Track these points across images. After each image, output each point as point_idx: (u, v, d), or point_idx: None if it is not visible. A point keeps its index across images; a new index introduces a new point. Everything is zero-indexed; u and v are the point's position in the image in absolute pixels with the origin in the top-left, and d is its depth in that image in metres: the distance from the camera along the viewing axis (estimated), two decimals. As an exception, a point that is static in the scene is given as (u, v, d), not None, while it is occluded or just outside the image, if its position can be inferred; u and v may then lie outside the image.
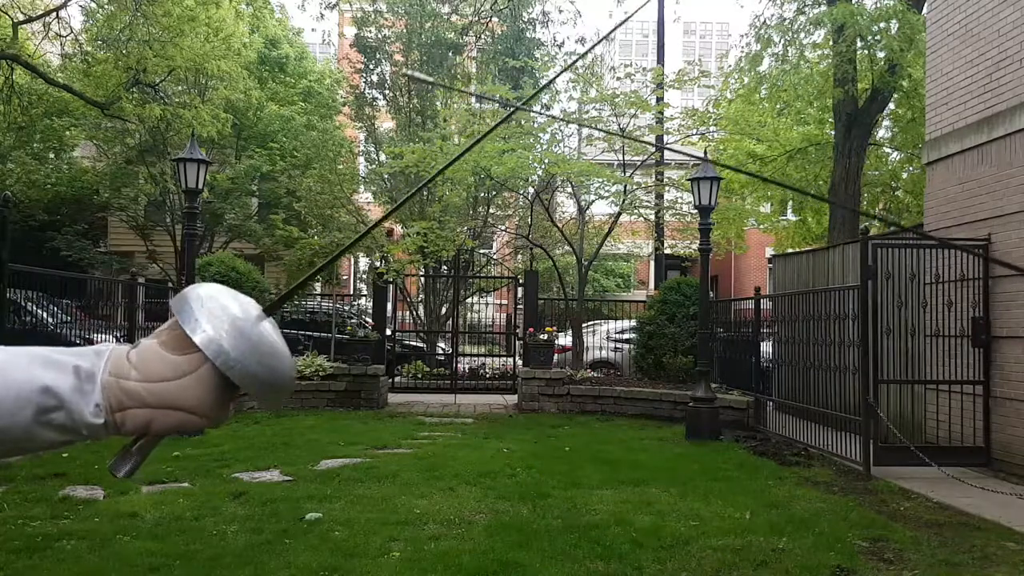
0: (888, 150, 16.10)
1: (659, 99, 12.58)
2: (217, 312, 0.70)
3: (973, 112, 7.11)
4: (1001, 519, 4.99)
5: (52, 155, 18.91)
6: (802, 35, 12.52)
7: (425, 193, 14.14)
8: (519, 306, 12.90)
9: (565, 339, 12.59)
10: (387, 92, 16.13)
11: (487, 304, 15.47)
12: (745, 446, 7.74)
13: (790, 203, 17.75)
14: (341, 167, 14.07)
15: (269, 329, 0.72)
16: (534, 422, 9.09)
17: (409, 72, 11.32)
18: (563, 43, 24.04)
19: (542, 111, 15.70)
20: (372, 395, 9.98)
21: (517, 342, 12.71)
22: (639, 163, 12.71)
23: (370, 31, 16.01)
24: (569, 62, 13.25)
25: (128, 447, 0.72)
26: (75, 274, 12.14)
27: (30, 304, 8.25)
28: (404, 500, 5.14)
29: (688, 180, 9.46)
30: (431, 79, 11.54)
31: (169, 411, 0.69)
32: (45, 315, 8.93)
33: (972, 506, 5.32)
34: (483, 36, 16.42)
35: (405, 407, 10.21)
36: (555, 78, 3.65)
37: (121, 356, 0.71)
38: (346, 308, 14.53)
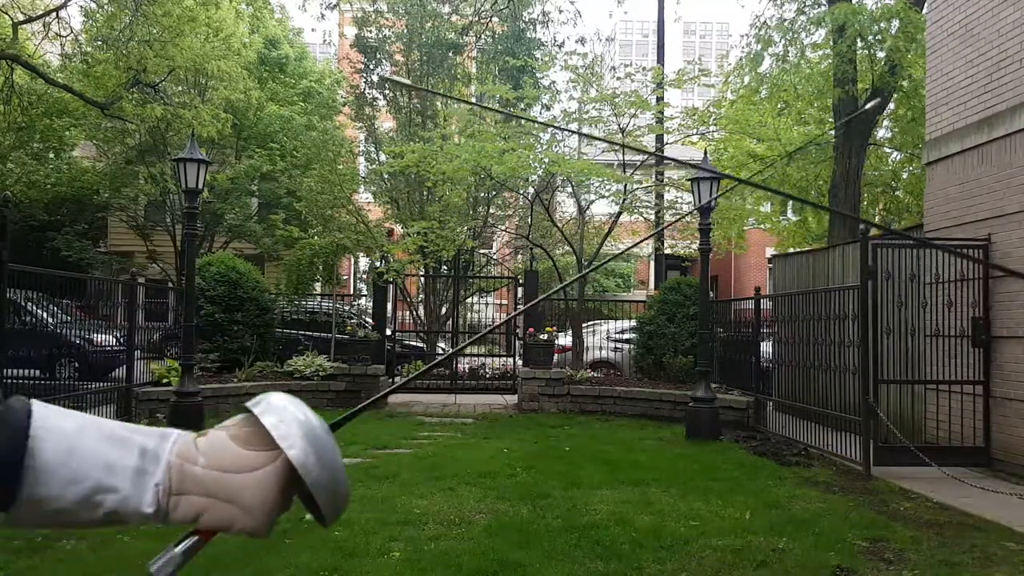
0: (888, 150, 16.10)
1: (659, 99, 12.57)
2: (301, 419, 0.71)
3: (973, 112, 7.11)
4: (1001, 519, 4.99)
5: (52, 155, 18.92)
6: (803, 35, 12.52)
7: (425, 193, 14.14)
8: (519, 306, 12.91)
9: (565, 339, 12.59)
10: (387, 92, 16.12)
11: (487, 304, 15.46)
12: (745, 446, 7.74)
13: (790, 203, 17.74)
14: (341, 167, 14.05)
15: (336, 445, 0.74)
16: (534, 422, 9.09)
17: (389, 76, 11.34)
18: (563, 43, 24.04)
19: (542, 112, 15.71)
20: (372, 395, 9.97)
21: (517, 342, 12.71)
22: (639, 163, 12.70)
23: (370, 31, 16.00)
24: (568, 63, 13.22)
25: (172, 547, 0.70)
26: (75, 274, 12.13)
27: (30, 304, 8.25)
28: (404, 500, 5.13)
29: (688, 180, 9.46)
30: (408, 82, 11.53)
31: (225, 504, 0.69)
32: (45, 315, 8.93)
33: (972, 506, 5.32)
34: (483, 36, 16.42)
35: (405, 407, 10.21)
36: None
37: (189, 441, 0.71)
38: (346, 308, 14.53)
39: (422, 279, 14.38)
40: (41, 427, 0.65)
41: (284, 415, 0.71)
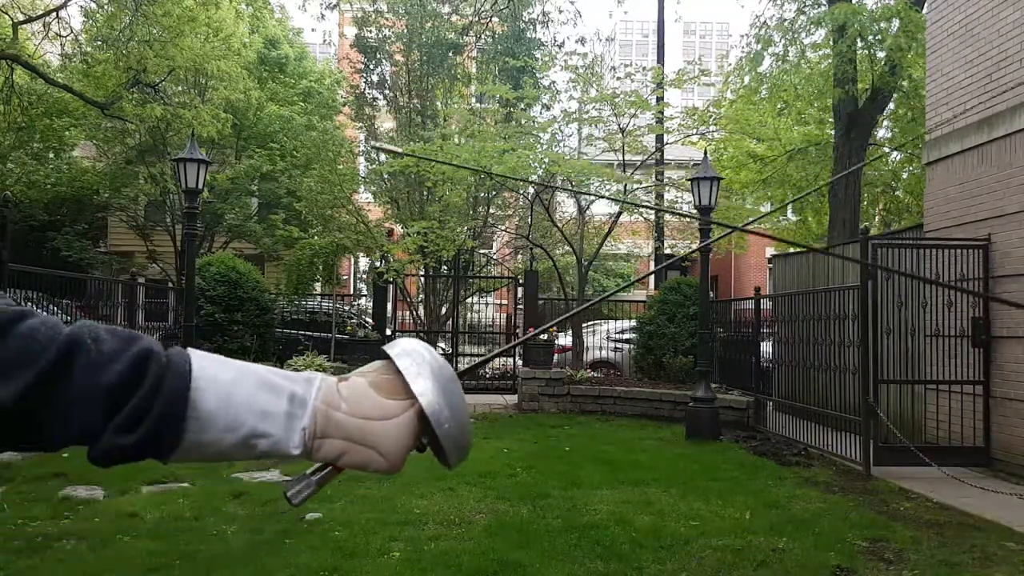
0: (888, 150, 16.09)
1: (659, 99, 12.57)
2: (435, 369, 0.75)
3: (973, 112, 7.11)
4: (1001, 519, 4.99)
5: (52, 155, 18.90)
6: (803, 35, 12.51)
7: (425, 193, 14.14)
8: (519, 306, 12.91)
9: (565, 339, 12.59)
10: (387, 92, 16.13)
11: (487, 304, 15.46)
12: (745, 446, 7.74)
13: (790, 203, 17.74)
14: (341, 167, 14.05)
15: (462, 393, 0.78)
16: (534, 422, 9.09)
17: (376, 144, 11.44)
18: (563, 43, 24.04)
19: (542, 112, 15.72)
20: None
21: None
22: (639, 163, 12.70)
23: (370, 31, 16.00)
24: (568, 63, 13.23)
25: (308, 474, 0.75)
26: (75, 274, 12.13)
27: (30, 304, 8.25)
28: (404, 500, 5.13)
29: (688, 180, 9.46)
30: (399, 150, 11.69)
31: (364, 448, 0.73)
32: (45, 315, 8.92)
33: (972, 506, 5.32)
34: (483, 36, 16.41)
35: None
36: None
37: (332, 387, 0.74)
38: (346, 308, 14.53)
39: (422, 279, 14.38)
40: (201, 378, 0.68)
41: (420, 365, 0.74)
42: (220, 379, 0.69)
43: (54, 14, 14.21)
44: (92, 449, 0.66)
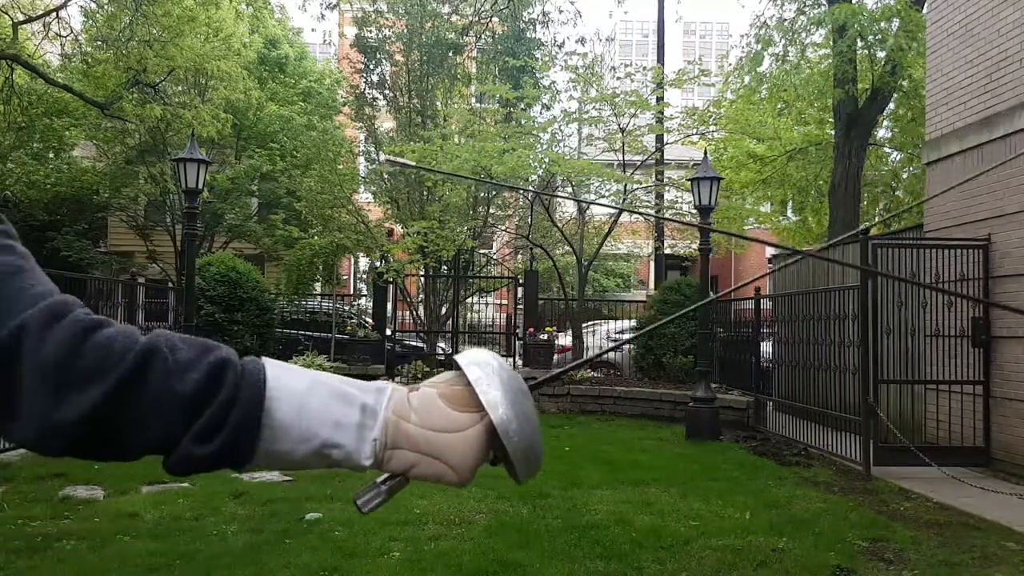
0: (888, 150, 16.10)
1: (659, 99, 12.57)
2: (506, 381, 0.74)
3: (973, 112, 7.11)
4: (1001, 519, 4.99)
5: (52, 155, 18.89)
6: (803, 35, 12.51)
7: (425, 192, 14.14)
8: (519, 306, 12.91)
9: (565, 339, 12.59)
10: (387, 92, 16.12)
11: (487, 304, 15.46)
12: (745, 446, 7.74)
13: (790, 203, 17.73)
14: (341, 167, 14.05)
15: (534, 406, 0.77)
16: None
17: (390, 158, 11.44)
18: (563, 43, 24.06)
19: (542, 111, 15.72)
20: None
21: (517, 342, 12.70)
22: (639, 163, 12.71)
23: (370, 31, 15.99)
24: (568, 63, 13.26)
25: (379, 482, 0.75)
26: (75, 274, 12.13)
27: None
28: (404, 500, 5.13)
29: (688, 180, 9.46)
30: (412, 163, 11.66)
31: (434, 460, 0.73)
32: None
33: (972, 506, 5.32)
34: (483, 36, 16.41)
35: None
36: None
37: (403, 398, 0.74)
38: (346, 308, 14.53)
39: (422, 279, 14.38)
40: (276, 387, 0.69)
41: (491, 377, 0.74)
42: (294, 389, 0.69)
43: (54, 14, 14.21)
44: (168, 458, 0.67)
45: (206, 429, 0.65)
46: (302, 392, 0.70)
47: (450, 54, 15.38)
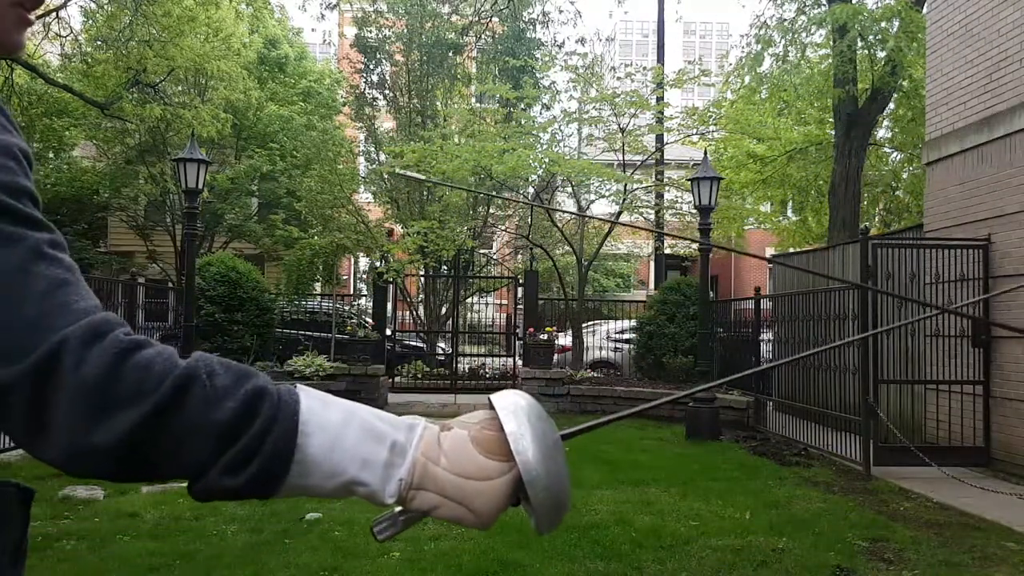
0: (888, 150, 16.09)
1: (659, 99, 12.58)
2: (541, 435, 0.73)
3: (973, 112, 7.11)
4: (1001, 519, 4.99)
5: (52, 155, 18.89)
6: (803, 35, 12.51)
7: (425, 192, 14.14)
8: (519, 306, 12.91)
9: (565, 339, 12.59)
10: (387, 92, 16.13)
11: (487, 304, 15.46)
12: (745, 446, 7.74)
13: (790, 203, 17.74)
14: (341, 167, 14.05)
15: (565, 458, 0.76)
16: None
17: (402, 171, 11.42)
18: (563, 43, 24.06)
19: (542, 111, 15.72)
20: (372, 395, 9.98)
21: (517, 342, 12.70)
22: (639, 163, 12.71)
23: (370, 31, 16.00)
24: (568, 63, 13.26)
25: (396, 515, 0.74)
26: (75, 274, 12.11)
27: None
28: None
29: (688, 180, 9.46)
30: (422, 176, 11.69)
31: (457, 505, 0.72)
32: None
33: (972, 506, 5.32)
34: (483, 36, 16.42)
35: (405, 407, 10.21)
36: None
37: (433, 439, 0.73)
38: (346, 308, 14.53)
39: (422, 279, 14.38)
40: (309, 421, 0.68)
41: (523, 426, 0.72)
42: (328, 424, 0.69)
43: (54, 14, 14.20)
44: (195, 484, 0.66)
45: (236, 461, 0.65)
46: (335, 427, 0.69)
47: (450, 54, 15.39)
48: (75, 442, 0.62)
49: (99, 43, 15.06)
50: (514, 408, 0.74)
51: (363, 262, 18.68)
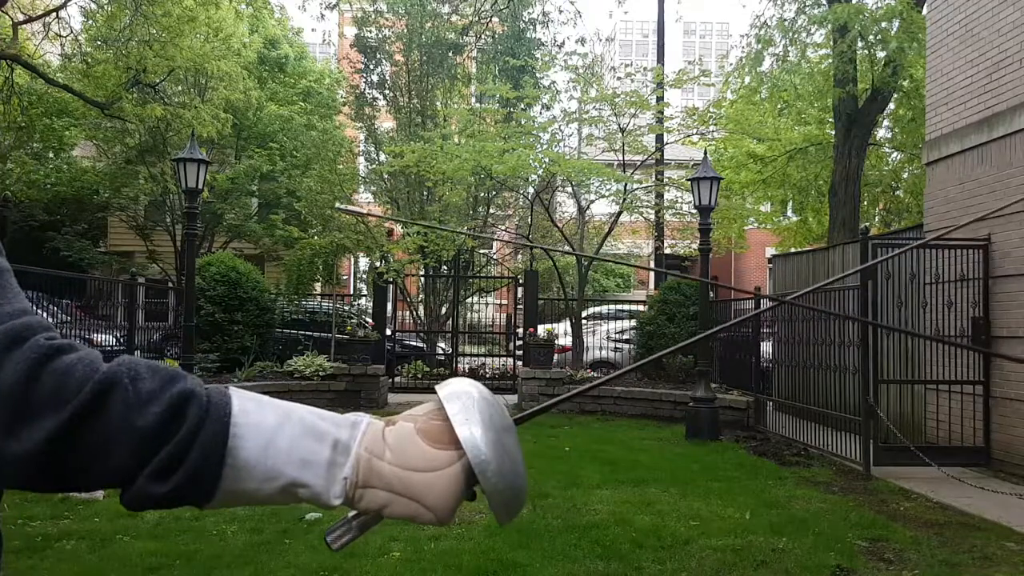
0: (888, 150, 16.09)
1: (659, 99, 12.57)
2: (487, 419, 0.70)
3: (973, 112, 7.11)
4: (1001, 519, 4.99)
5: (52, 155, 18.89)
6: (803, 35, 12.51)
7: (425, 193, 14.14)
8: (519, 306, 12.91)
9: (565, 339, 12.59)
10: (387, 92, 16.13)
11: (487, 304, 15.47)
12: (745, 446, 7.74)
13: (790, 203, 17.74)
14: (341, 167, 14.07)
15: (517, 442, 0.73)
16: (533, 422, 9.04)
17: (340, 208, 11.34)
18: (563, 43, 24.07)
19: (542, 112, 15.72)
20: (372, 395, 9.98)
21: (516, 342, 12.70)
22: (639, 163, 12.71)
23: (370, 31, 16.02)
24: (568, 63, 13.26)
25: (349, 519, 0.72)
26: (75, 274, 12.13)
27: (31, 305, 8.24)
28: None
29: (688, 180, 9.45)
30: (363, 211, 11.83)
31: (408, 500, 0.69)
32: (45, 315, 8.93)
33: (972, 506, 5.32)
34: (483, 36, 16.42)
35: (405, 407, 10.16)
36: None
37: (377, 433, 0.70)
38: (346, 308, 14.53)
39: (422, 279, 14.39)
40: (241, 424, 0.65)
41: (470, 411, 0.70)
42: (262, 425, 0.66)
43: (54, 14, 14.20)
44: (124, 493, 0.64)
45: (163, 467, 0.62)
46: (270, 429, 0.66)
47: (450, 54, 15.40)
48: None
49: (99, 43, 15.07)
50: (457, 393, 0.72)
51: (363, 262, 18.68)
